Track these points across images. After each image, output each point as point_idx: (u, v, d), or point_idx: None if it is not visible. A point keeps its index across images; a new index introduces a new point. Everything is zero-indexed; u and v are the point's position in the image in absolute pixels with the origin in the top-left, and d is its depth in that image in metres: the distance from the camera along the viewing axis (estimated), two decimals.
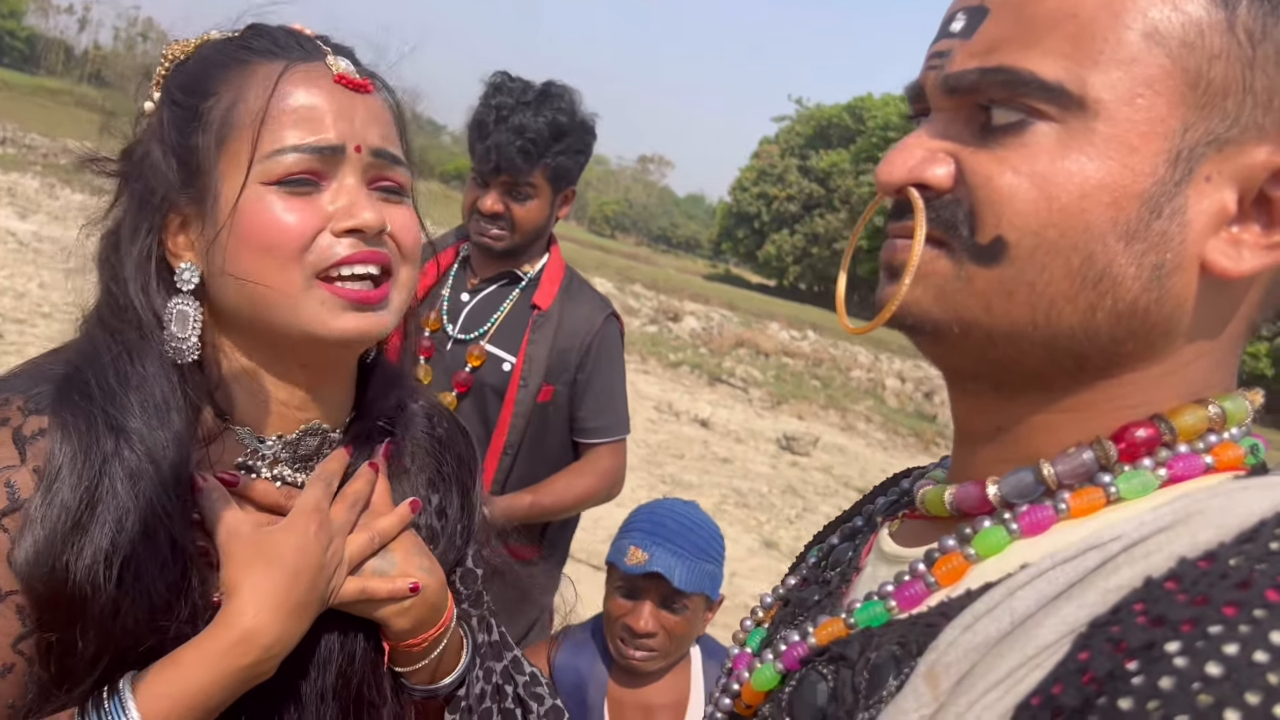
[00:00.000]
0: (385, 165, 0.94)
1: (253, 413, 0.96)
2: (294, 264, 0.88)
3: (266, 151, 0.88)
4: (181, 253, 0.93)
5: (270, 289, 0.88)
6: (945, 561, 0.59)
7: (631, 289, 22.64)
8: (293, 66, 0.91)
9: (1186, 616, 0.43)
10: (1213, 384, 0.59)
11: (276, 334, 0.91)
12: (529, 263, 2.44)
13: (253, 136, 0.88)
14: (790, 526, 8.01)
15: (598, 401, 2.40)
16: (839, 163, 63.14)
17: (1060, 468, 0.58)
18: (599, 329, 2.40)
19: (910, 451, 13.69)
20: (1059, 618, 0.48)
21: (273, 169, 0.88)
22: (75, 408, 0.87)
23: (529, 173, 2.29)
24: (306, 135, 0.89)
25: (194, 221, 0.92)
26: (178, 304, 0.92)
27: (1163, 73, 0.54)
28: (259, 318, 0.91)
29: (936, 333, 0.60)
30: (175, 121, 0.92)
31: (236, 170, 0.89)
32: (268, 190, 0.88)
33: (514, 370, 2.33)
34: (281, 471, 0.98)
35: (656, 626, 1.89)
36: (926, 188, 0.60)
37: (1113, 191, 0.54)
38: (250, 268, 0.88)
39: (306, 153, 0.89)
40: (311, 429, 0.99)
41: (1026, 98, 0.56)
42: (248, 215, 0.88)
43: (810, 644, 0.63)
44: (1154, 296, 0.55)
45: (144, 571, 0.85)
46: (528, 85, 2.34)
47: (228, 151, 0.90)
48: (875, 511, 0.77)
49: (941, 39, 0.62)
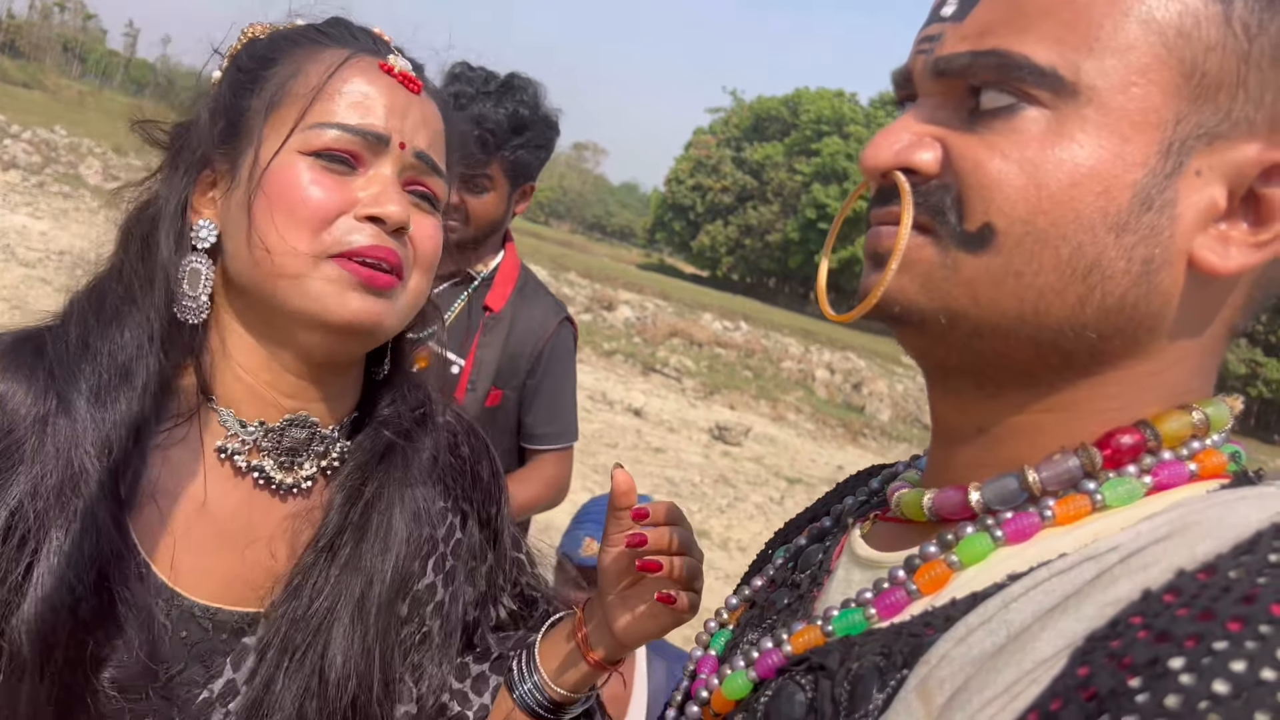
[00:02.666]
0: (424, 170, 0.93)
1: (238, 393, 0.92)
2: (310, 237, 0.86)
3: (312, 122, 0.87)
4: (203, 209, 0.92)
5: (280, 256, 0.85)
6: (927, 569, 0.57)
7: (566, 277, 22.53)
8: (359, 55, 0.91)
9: (1190, 632, 0.41)
10: (1194, 388, 0.59)
11: (279, 307, 0.88)
12: (482, 261, 2.37)
13: (303, 106, 0.88)
14: (721, 516, 8.05)
15: (546, 408, 2.35)
16: (772, 155, 63.61)
17: (1045, 474, 0.56)
18: (551, 334, 2.35)
19: (839, 442, 13.88)
20: (1056, 631, 0.46)
21: (313, 140, 0.87)
22: (20, 361, 0.85)
23: (485, 164, 2.21)
24: (356, 117, 0.88)
25: (223, 180, 0.91)
26: (191, 261, 0.90)
27: (1158, 61, 0.53)
28: (264, 286, 0.87)
29: (922, 323, 0.59)
30: (232, 84, 0.92)
31: (278, 136, 0.88)
32: (302, 158, 0.87)
33: (462, 373, 2.26)
34: (262, 462, 0.93)
35: None
36: (913, 172, 0.58)
37: (1104, 180, 0.53)
38: (267, 231, 0.86)
39: (352, 133, 0.88)
40: (297, 420, 0.94)
41: (1019, 82, 0.54)
42: (276, 177, 0.86)
43: (786, 652, 0.61)
44: (1142, 292, 0.54)
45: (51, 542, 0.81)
46: (490, 75, 2.27)
47: (275, 117, 0.89)
48: (844, 512, 0.75)
49: (931, 23, 0.60)
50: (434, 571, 1.03)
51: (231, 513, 0.92)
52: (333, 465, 0.98)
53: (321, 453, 0.96)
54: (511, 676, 1.03)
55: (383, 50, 0.94)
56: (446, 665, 1.03)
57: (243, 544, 0.92)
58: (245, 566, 0.92)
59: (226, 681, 0.90)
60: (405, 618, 0.99)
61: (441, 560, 1.04)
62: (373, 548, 0.95)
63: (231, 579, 0.92)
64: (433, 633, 1.02)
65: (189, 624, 0.89)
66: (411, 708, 1.00)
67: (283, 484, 0.94)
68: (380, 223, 0.88)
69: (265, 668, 0.90)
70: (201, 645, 0.89)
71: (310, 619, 0.91)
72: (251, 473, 0.93)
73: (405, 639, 0.99)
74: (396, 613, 0.97)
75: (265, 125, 0.89)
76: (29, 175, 16.11)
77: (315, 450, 0.96)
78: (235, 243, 0.89)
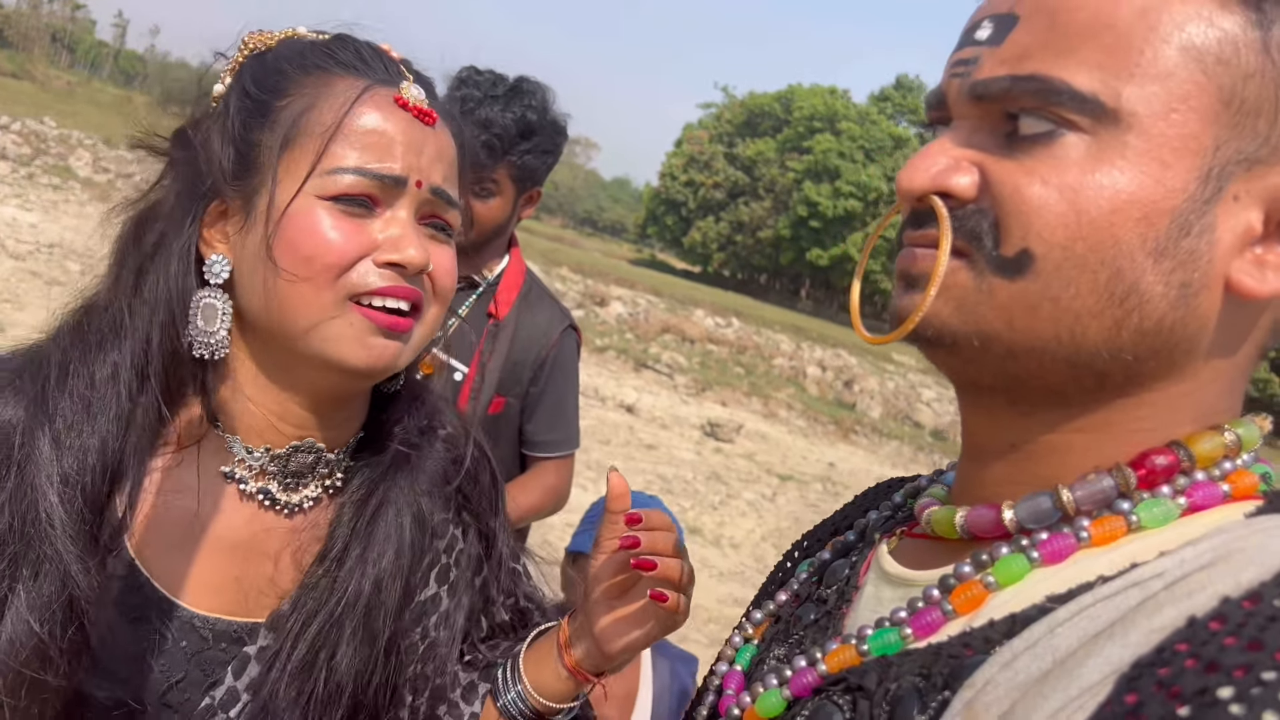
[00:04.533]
0: (440, 205, 0.93)
1: (245, 421, 0.93)
2: (330, 283, 0.85)
3: (329, 166, 0.86)
4: (215, 244, 0.91)
5: (299, 301, 0.85)
6: (963, 590, 0.57)
7: (558, 272, 22.50)
8: (373, 89, 0.89)
9: (1240, 662, 0.42)
10: (1225, 408, 0.59)
11: (293, 347, 0.88)
12: (487, 266, 2.35)
13: (319, 147, 0.86)
14: (714, 512, 8.07)
15: (549, 416, 2.34)
16: (765, 151, 63.54)
17: (1079, 493, 0.57)
18: (555, 342, 2.33)
19: (830, 439, 13.91)
20: (1102, 657, 0.47)
21: (330, 185, 0.86)
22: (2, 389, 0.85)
23: (492, 169, 2.20)
24: (372, 160, 0.87)
25: (235, 215, 0.90)
26: (205, 296, 0.89)
27: (1197, 88, 0.53)
28: (280, 327, 0.87)
29: (955, 346, 0.59)
30: (242, 113, 0.90)
31: (294, 176, 0.87)
32: (320, 203, 0.86)
33: (465, 380, 2.24)
34: (268, 485, 0.94)
35: None
36: (949, 196, 0.58)
37: (1144, 207, 0.53)
38: (286, 276, 0.85)
39: (369, 177, 0.87)
40: (304, 446, 0.95)
41: (1059, 108, 0.54)
42: (295, 223, 0.85)
43: (821, 671, 0.61)
44: (1179, 315, 0.55)
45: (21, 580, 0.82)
46: (498, 79, 2.25)
47: (290, 156, 0.87)
48: (870, 527, 0.75)
49: (966, 46, 0.60)
50: (437, 582, 1.04)
51: (235, 530, 0.94)
52: (336, 484, 0.99)
53: (326, 474, 0.98)
54: (496, 685, 1.04)
55: (394, 76, 0.92)
56: (447, 675, 1.04)
57: (244, 558, 0.94)
58: (247, 579, 0.94)
59: (227, 689, 0.92)
60: (408, 627, 1.00)
61: (445, 571, 1.05)
62: (378, 558, 0.96)
63: (232, 591, 0.93)
64: (437, 643, 1.03)
65: (189, 634, 0.91)
66: (407, 714, 1.01)
67: (287, 504, 0.96)
68: (400, 267, 0.88)
69: (270, 676, 0.92)
70: (202, 655, 0.91)
71: (315, 628, 0.93)
72: (257, 495, 0.94)
73: (409, 649, 1.00)
74: (400, 622, 0.98)
75: (280, 164, 0.87)
76: (18, 167, 16.01)
77: (320, 472, 0.97)
78: (251, 282, 0.88)
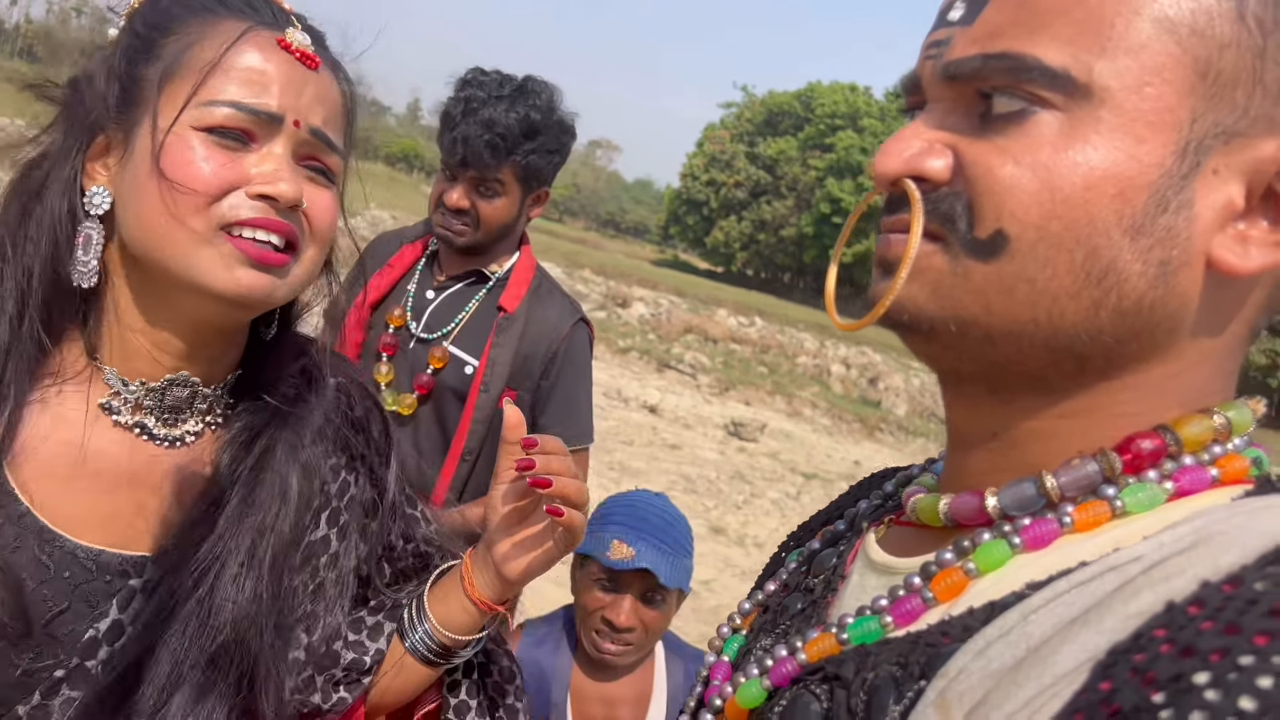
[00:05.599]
0: (320, 147, 0.94)
1: (121, 353, 0.95)
2: (200, 211, 0.87)
3: (205, 99, 0.88)
4: (96, 176, 0.93)
5: (171, 229, 0.87)
6: (943, 576, 0.56)
7: (580, 274, 22.53)
8: (256, 29, 0.91)
9: (1216, 646, 0.40)
10: (1215, 390, 0.57)
11: (168, 276, 0.89)
12: (497, 262, 2.35)
13: (196, 81, 0.88)
14: (738, 512, 8.05)
15: (560, 409, 2.31)
16: (786, 150, 63.37)
17: (1063, 479, 0.55)
18: (566, 334, 2.31)
19: (855, 437, 13.85)
20: (1078, 644, 0.45)
21: (206, 116, 0.88)
22: None
23: (497, 169, 2.19)
24: (249, 95, 0.89)
25: (116, 148, 0.92)
26: (86, 226, 0.91)
27: (1172, 61, 0.52)
28: (155, 257, 0.89)
29: (931, 331, 0.58)
30: (128, 50, 0.92)
31: (172, 109, 0.88)
32: (195, 134, 0.87)
33: (476, 374, 2.24)
34: (144, 420, 0.96)
35: (636, 621, 1.87)
36: (923, 180, 0.57)
37: (1119, 183, 0.52)
38: (158, 204, 0.86)
39: (244, 111, 0.88)
40: (178, 379, 0.97)
41: (1030, 85, 0.53)
42: (169, 152, 0.87)
43: (800, 660, 0.60)
44: (1159, 294, 0.53)
45: None
46: (504, 79, 2.24)
47: (169, 89, 0.89)
48: (859, 516, 0.74)
49: (939, 28, 0.59)
50: (328, 525, 1.07)
51: (115, 463, 0.95)
52: (217, 421, 1.01)
53: (205, 410, 1.00)
54: (402, 625, 1.12)
55: (281, 22, 0.93)
56: (339, 614, 1.08)
57: (128, 492, 0.95)
58: (131, 513, 0.95)
59: (113, 621, 0.93)
60: (298, 567, 1.03)
61: (335, 515, 1.08)
62: (264, 501, 0.98)
63: (116, 524, 0.95)
64: (326, 583, 1.07)
65: (72, 565, 0.91)
66: (301, 654, 1.04)
67: (168, 437, 0.97)
68: (271, 200, 0.89)
69: (150, 608, 0.93)
70: (85, 586, 0.92)
71: (198, 565, 0.94)
72: (134, 428, 0.96)
73: (299, 588, 1.04)
74: (290, 563, 1.01)
75: (160, 97, 0.88)
76: None
77: (198, 408, 0.99)
78: (128, 212, 0.90)
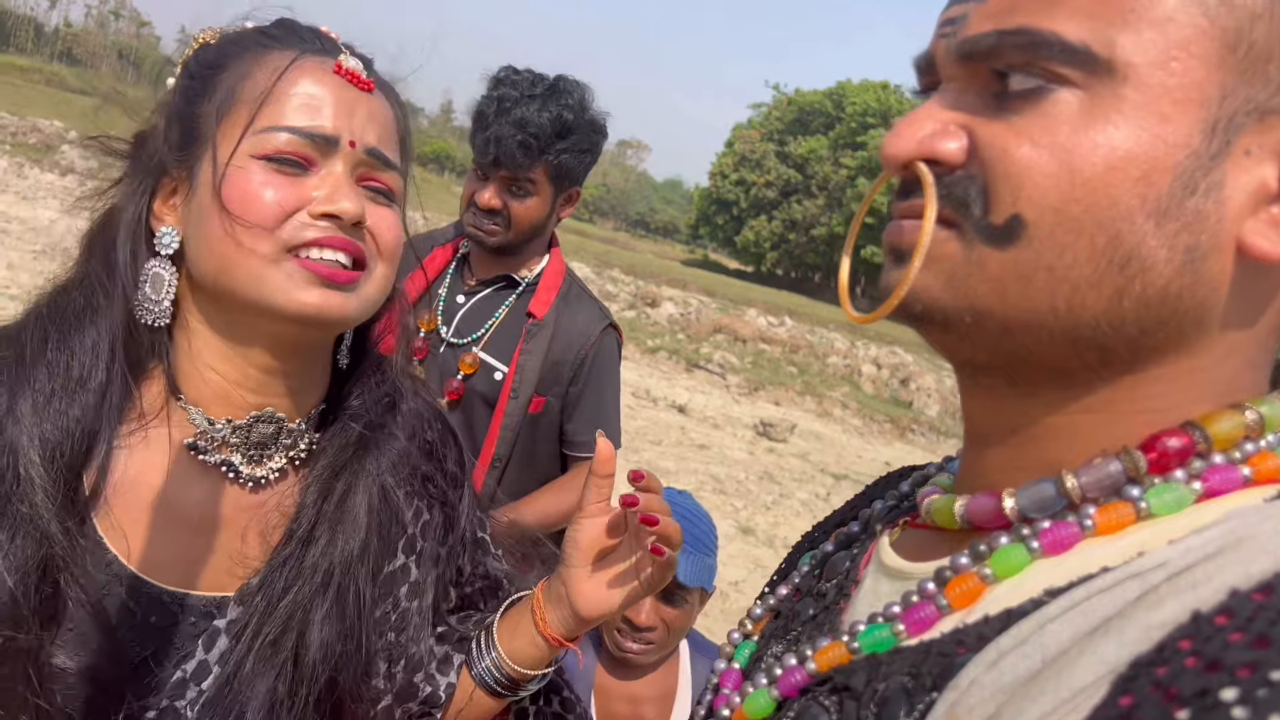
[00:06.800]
0: (377, 166, 0.94)
1: (206, 392, 0.95)
2: (266, 236, 0.87)
3: (261, 127, 0.89)
4: (165, 216, 0.94)
5: (240, 256, 0.87)
6: (959, 582, 0.53)
7: (610, 274, 22.51)
8: (305, 56, 0.92)
9: (1245, 660, 0.37)
10: (1246, 384, 0.54)
11: (241, 304, 0.90)
12: (527, 266, 2.34)
13: (252, 111, 0.89)
14: (767, 513, 7.99)
15: (589, 416, 2.31)
16: (817, 149, 63.03)
17: (1085, 479, 0.52)
18: (595, 341, 2.30)
19: (886, 438, 13.72)
20: (1096, 656, 0.42)
21: (264, 144, 0.89)
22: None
23: (529, 168, 2.18)
24: (304, 120, 0.90)
25: (182, 186, 0.93)
26: (154, 266, 0.92)
27: (1199, 33, 0.49)
28: (226, 286, 0.89)
29: (946, 322, 0.54)
30: (184, 91, 0.94)
31: (230, 140, 0.89)
32: (254, 162, 0.88)
33: (505, 380, 2.24)
34: (230, 457, 0.96)
35: (657, 620, 1.85)
36: (937, 163, 0.54)
37: (1143, 164, 0.49)
38: (225, 233, 0.87)
39: (300, 136, 0.89)
40: (264, 416, 0.96)
41: (1048, 61, 0.50)
42: (231, 182, 0.88)
43: (810, 670, 0.57)
44: (1186, 282, 0.50)
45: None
46: (537, 78, 2.23)
47: (226, 122, 0.90)
48: (873, 517, 0.71)
49: (953, 5, 0.56)
50: (404, 553, 1.07)
51: (200, 504, 0.95)
52: (300, 456, 1.00)
53: (289, 445, 1.00)
54: (470, 655, 1.11)
55: (330, 49, 0.95)
56: (423, 644, 1.08)
57: (211, 532, 0.96)
58: (214, 553, 0.96)
59: (199, 662, 0.94)
60: (379, 599, 1.03)
61: (411, 543, 1.07)
62: (346, 540, 0.98)
63: (200, 565, 0.96)
64: (410, 613, 1.07)
65: (157, 609, 0.92)
66: (381, 683, 1.05)
67: (251, 476, 0.97)
68: (335, 219, 0.89)
69: (238, 649, 0.94)
70: (171, 629, 0.93)
71: (285, 605, 0.95)
72: (220, 467, 0.96)
73: (380, 620, 1.04)
74: (371, 596, 1.01)
75: (218, 130, 0.90)
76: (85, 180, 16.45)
77: (283, 444, 0.99)
78: (197, 246, 0.91)
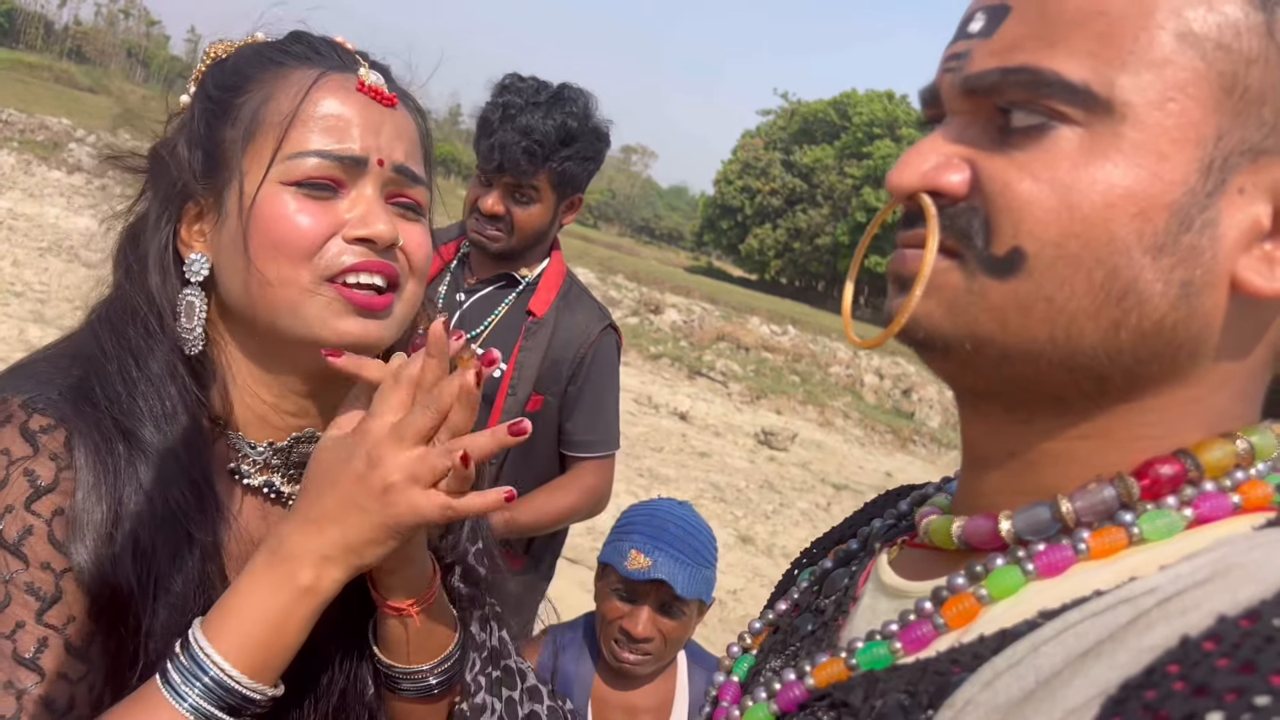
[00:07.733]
0: (405, 182, 0.94)
1: (245, 416, 0.95)
2: (303, 264, 0.87)
3: (290, 152, 0.88)
4: (193, 243, 0.93)
5: (276, 286, 0.87)
6: (955, 602, 0.55)
7: (614, 280, 22.55)
8: (327, 75, 0.91)
9: (1231, 685, 0.39)
10: (1237, 414, 0.56)
11: (278, 333, 0.90)
12: (528, 266, 2.36)
13: (278, 136, 0.88)
14: (767, 521, 8.00)
15: (587, 415, 2.33)
16: (822, 158, 63.11)
17: (1079, 504, 0.54)
18: (594, 340, 2.32)
19: (887, 449, 13.73)
20: (1088, 678, 0.44)
21: (293, 170, 0.88)
22: (86, 417, 0.86)
23: (532, 175, 2.21)
24: (332, 142, 0.89)
25: (209, 213, 0.92)
26: (187, 294, 0.91)
27: (1196, 76, 0.51)
28: (262, 315, 0.89)
29: (947, 349, 0.57)
30: (205, 115, 0.93)
31: (258, 167, 0.89)
32: (285, 189, 0.88)
33: (503, 378, 2.25)
34: (272, 479, 0.96)
35: (654, 632, 1.86)
36: (940, 194, 0.56)
37: (1140, 201, 0.51)
38: (259, 263, 0.87)
39: (329, 160, 0.88)
40: (304, 436, 0.97)
41: (1049, 99, 0.52)
42: (262, 211, 0.87)
43: (808, 685, 0.59)
44: (1181, 315, 0.52)
45: (164, 573, 0.85)
46: (541, 85, 2.26)
47: (253, 148, 0.90)
48: (872, 535, 0.73)
49: (959, 40, 0.58)
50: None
51: (246, 529, 0.95)
52: None
53: None
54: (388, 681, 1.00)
55: (349, 64, 0.94)
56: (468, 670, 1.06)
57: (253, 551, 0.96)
58: None
59: None
60: None
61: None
62: None
63: None
64: None
65: None
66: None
67: (292, 496, 0.97)
68: (370, 243, 0.89)
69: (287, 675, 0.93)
70: None
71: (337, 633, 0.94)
72: (262, 489, 0.96)
73: None
74: None
75: (244, 157, 0.89)
76: (93, 179, 16.51)
77: None
78: (230, 275, 0.90)
